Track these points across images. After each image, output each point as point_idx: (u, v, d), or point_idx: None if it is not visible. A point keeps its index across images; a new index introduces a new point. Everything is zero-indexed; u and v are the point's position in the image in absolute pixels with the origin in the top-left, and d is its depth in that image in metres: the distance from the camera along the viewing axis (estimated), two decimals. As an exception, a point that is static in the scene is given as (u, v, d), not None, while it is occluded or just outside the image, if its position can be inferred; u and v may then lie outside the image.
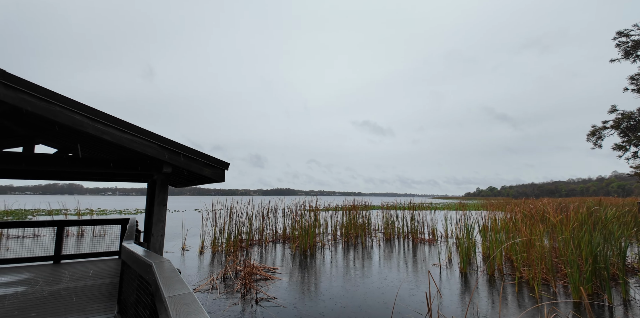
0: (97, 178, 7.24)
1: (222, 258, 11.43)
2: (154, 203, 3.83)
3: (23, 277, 5.75)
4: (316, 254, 12.05)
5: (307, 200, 18.56)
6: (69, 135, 5.29)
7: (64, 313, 4.04)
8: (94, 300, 4.54)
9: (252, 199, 17.17)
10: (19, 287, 5.14)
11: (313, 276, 8.75)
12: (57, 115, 2.86)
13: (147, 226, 6.43)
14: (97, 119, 2.97)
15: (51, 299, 4.55)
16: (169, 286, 1.64)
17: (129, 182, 7.77)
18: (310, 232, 13.77)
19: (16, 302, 4.41)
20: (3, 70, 2.66)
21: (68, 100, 2.83)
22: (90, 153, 6.16)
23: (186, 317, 1.19)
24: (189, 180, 5.38)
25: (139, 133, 3.22)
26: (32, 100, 2.76)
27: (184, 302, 1.39)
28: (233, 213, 14.42)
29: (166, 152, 3.42)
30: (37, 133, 5.60)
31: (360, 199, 22.57)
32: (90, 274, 5.92)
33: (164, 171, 3.59)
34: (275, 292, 7.26)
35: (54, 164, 3.68)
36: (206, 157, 3.73)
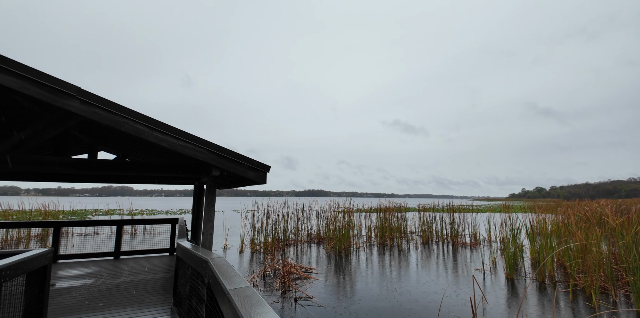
0: (149, 181, 7.88)
1: (260, 257, 11.84)
2: (204, 204, 4.12)
3: (90, 270, 6.43)
4: (351, 256, 12.05)
5: (340, 202, 18.60)
6: (127, 143, 5.86)
7: (127, 304, 4.47)
8: (151, 292, 4.97)
9: (287, 200, 17.57)
10: (87, 279, 5.76)
11: (349, 277, 8.77)
12: (122, 126, 3.22)
13: (196, 225, 6.89)
14: (156, 128, 3.29)
15: (115, 291, 5.05)
16: (229, 280, 1.80)
17: (173, 185, 8.36)
18: (345, 233, 13.79)
19: (86, 293, 4.96)
20: (79, 88, 3.05)
21: (132, 112, 3.18)
22: (145, 158, 6.74)
23: (251, 308, 1.31)
24: (232, 182, 5.69)
25: (191, 140, 3.51)
26: (103, 113, 3.14)
27: (246, 294, 1.52)
28: (269, 214, 14.87)
29: (215, 157, 3.68)
30: (99, 141, 6.26)
31: (395, 201, 22.14)
32: (146, 269, 6.46)
33: (213, 174, 3.86)
34: (313, 291, 7.39)
35: (114, 169, 4.10)
36: (250, 160, 3.95)
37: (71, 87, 2.96)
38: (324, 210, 17.06)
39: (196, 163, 4.12)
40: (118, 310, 4.18)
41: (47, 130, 3.37)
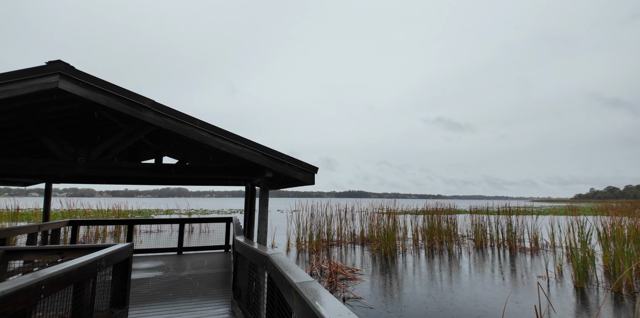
0: (206, 183, 8.53)
1: (306, 256, 12.12)
2: (258, 204, 4.39)
3: (158, 264, 7.15)
4: (397, 258, 11.79)
5: (383, 203, 18.28)
6: (187, 148, 6.43)
7: (192, 295, 4.91)
8: (212, 285, 5.39)
9: (329, 201, 17.74)
10: (157, 271, 6.42)
11: (395, 280, 8.60)
12: (189, 133, 3.58)
13: (249, 224, 7.30)
14: (218, 134, 3.61)
15: (181, 283, 5.56)
16: (293, 274, 1.93)
17: (223, 186, 8.93)
18: (390, 235, 13.53)
19: (157, 284, 5.53)
20: (153, 101, 3.45)
21: (197, 120, 3.53)
22: (202, 162, 7.33)
23: (320, 300, 1.41)
24: (281, 183, 5.95)
25: (247, 144, 3.77)
26: (173, 122, 3.52)
27: (312, 287, 1.63)
28: (313, 214, 15.14)
29: (268, 159, 3.91)
30: (164, 147, 6.94)
31: (443, 202, 21.15)
32: (205, 264, 7.01)
33: (266, 176, 4.10)
34: (360, 292, 7.40)
35: (176, 172, 4.54)
36: (299, 162, 4.12)
37: (146, 100, 3.37)
38: (367, 212, 16.90)
39: (250, 165, 4.41)
40: (185, 300, 4.61)
41: (127, 139, 3.86)
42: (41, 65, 2.93)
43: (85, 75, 3.10)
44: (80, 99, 3.35)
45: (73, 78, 3.04)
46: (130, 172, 4.13)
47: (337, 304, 1.34)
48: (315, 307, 1.32)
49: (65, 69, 3.00)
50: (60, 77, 2.98)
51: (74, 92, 3.06)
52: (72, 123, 4.85)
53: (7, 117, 3.56)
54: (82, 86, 3.09)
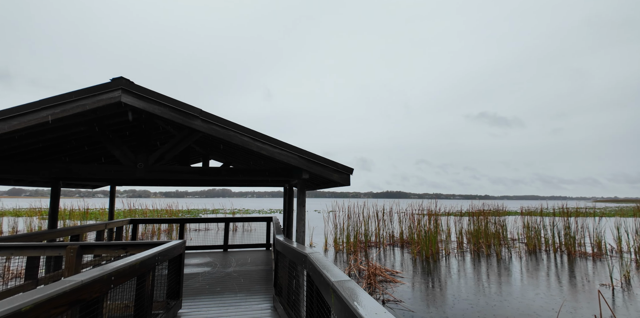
0: (246, 184, 8.96)
1: (343, 256, 12.14)
2: (296, 204, 4.53)
3: (206, 260, 7.66)
4: (440, 262, 11.33)
5: (424, 204, 17.66)
6: (231, 152, 6.83)
7: (238, 290, 5.20)
8: (256, 282, 5.66)
9: (366, 202, 17.57)
10: (205, 267, 6.88)
11: (438, 284, 8.29)
12: (232, 138, 3.83)
13: (288, 223, 7.54)
14: (258, 138, 3.82)
15: (227, 278, 5.92)
16: (331, 273, 2.00)
17: (264, 187, 9.27)
18: (431, 237, 13.04)
19: (206, 279, 5.93)
20: (200, 110, 3.75)
21: (239, 126, 3.77)
22: (244, 164, 7.72)
23: (357, 298, 1.46)
24: (318, 184, 6.07)
25: (285, 147, 3.94)
26: (218, 129, 3.80)
27: (348, 286, 1.69)
28: (350, 215, 15.11)
29: (305, 161, 4.04)
30: (210, 151, 7.43)
31: (490, 203, 19.89)
32: (249, 261, 7.37)
33: (303, 177, 4.24)
34: (400, 295, 7.25)
35: (222, 174, 4.84)
36: (335, 164, 4.19)
37: (195, 110, 3.68)
38: (406, 213, 16.46)
39: (288, 167, 4.58)
40: (232, 295, 4.91)
41: (179, 145, 4.24)
42: (106, 82, 3.35)
43: (143, 89, 3.48)
44: (139, 110, 3.76)
45: (133, 92, 3.43)
46: (182, 175, 4.52)
47: (373, 303, 1.39)
48: (352, 305, 1.38)
49: (126, 84, 3.39)
50: (122, 91, 3.38)
51: (133, 104, 3.45)
52: (132, 132, 5.43)
53: (80, 129, 4.10)
54: (140, 99, 3.47)
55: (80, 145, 5.08)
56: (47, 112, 3.23)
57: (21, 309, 1.45)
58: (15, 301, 1.47)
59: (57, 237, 5.46)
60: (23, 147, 4.33)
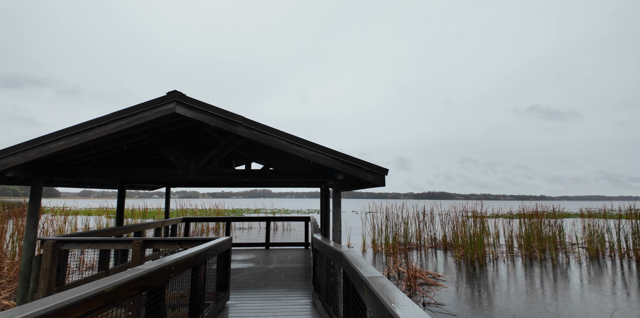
0: (285, 185, 9.32)
1: (382, 258, 12.02)
2: (332, 205, 4.68)
3: (250, 256, 8.12)
4: (487, 266, 10.73)
5: (469, 205, 16.79)
6: (270, 155, 7.19)
7: (279, 285, 5.48)
8: (296, 278, 5.91)
9: (405, 203, 17.16)
10: (249, 263, 7.31)
11: (485, 289, 7.88)
12: (272, 142, 4.09)
13: (325, 223, 7.73)
14: (295, 142, 4.04)
15: (269, 274, 6.25)
16: (364, 269, 2.11)
17: (301, 187, 9.55)
18: (477, 241, 12.38)
19: (250, 274, 6.32)
20: (243, 117, 4.07)
21: (278, 131, 4.02)
22: (283, 166, 8.07)
23: (388, 293, 1.56)
24: (353, 184, 6.16)
25: (320, 150, 4.11)
26: (259, 134, 4.09)
27: (381, 282, 1.78)
28: (388, 216, 14.87)
29: (339, 163, 4.17)
30: (252, 154, 7.88)
31: (546, 204, 18.30)
32: (289, 259, 7.67)
33: (338, 178, 4.37)
34: (442, 298, 7.05)
35: (262, 176, 5.14)
36: (369, 165, 4.27)
37: (238, 117, 4.00)
38: (449, 214, 15.78)
39: (323, 169, 4.74)
40: (274, 290, 5.19)
41: (225, 149, 4.62)
42: (163, 95, 3.80)
43: (193, 101, 3.87)
44: (190, 119, 4.18)
45: (185, 103, 3.84)
46: (228, 177, 4.90)
47: (402, 297, 1.48)
48: (381, 298, 1.48)
49: (179, 96, 3.81)
50: (176, 103, 3.81)
51: (186, 114, 3.86)
52: (184, 138, 6.01)
53: (141, 137, 4.66)
54: (191, 109, 3.87)
55: (141, 151, 5.74)
56: (116, 123, 3.75)
57: (104, 290, 1.77)
58: (100, 284, 1.80)
59: (124, 233, 6.20)
60: (96, 154, 5.02)
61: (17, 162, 3.83)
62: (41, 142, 3.77)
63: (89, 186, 6.14)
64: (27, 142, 3.83)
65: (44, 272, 4.21)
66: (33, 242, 4.37)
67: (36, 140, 3.82)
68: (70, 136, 3.74)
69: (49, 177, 4.43)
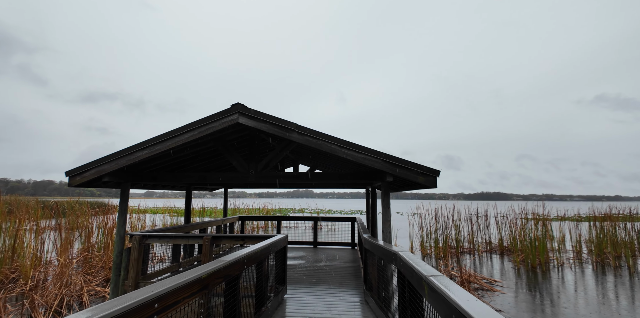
0: (330, 186, 9.56)
1: (432, 261, 11.68)
2: (381, 206, 4.79)
3: (300, 254, 8.49)
4: (550, 273, 9.91)
5: (528, 206, 15.54)
6: (317, 157, 7.48)
7: (331, 283, 5.72)
8: (345, 277, 6.10)
9: (456, 204, 16.40)
10: (300, 260, 7.67)
11: (548, 297, 7.33)
12: (322, 147, 4.34)
13: (372, 224, 7.82)
14: (344, 145, 4.24)
15: (320, 272, 6.52)
16: (422, 268, 2.22)
17: (344, 188, 9.69)
18: (540, 245, 11.46)
19: (302, 270, 6.65)
20: (296, 124, 4.37)
21: (327, 135, 4.26)
22: (330, 168, 8.33)
23: (450, 290, 1.67)
24: (401, 186, 6.17)
25: (368, 152, 4.26)
26: (310, 139, 4.36)
27: (442, 280, 1.90)
28: (437, 218, 14.37)
29: (388, 165, 4.28)
30: (299, 157, 8.26)
31: (621, 205, 16.26)
32: (337, 258, 7.90)
33: (387, 180, 4.47)
34: (499, 304, 6.72)
35: (312, 178, 5.41)
36: (419, 166, 4.30)
37: (292, 124, 4.32)
38: (506, 216, 14.76)
39: (372, 171, 4.87)
40: (326, 287, 5.44)
41: (279, 154, 4.99)
42: (227, 108, 4.26)
43: (253, 111, 4.28)
44: (250, 128, 4.61)
45: (246, 114, 4.26)
46: (282, 179, 5.27)
47: (465, 292, 1.59)
48: (446, 294, 1.60)
49: (241, 108, 4.23)
50: (239, 114, 4.24)
51: (247, 124, 4.28)
52: (244, 144, 6.55)
53: (208, 145, 5.22)
54: (251, 119, 4.28)
55: (206, 157, 6.40)
56: (189, 134, 4.29)
57: (201, 276, 2.13)
58: (197, 271, 2.17)
59: (191, 230, 6.93)
60: (170, 160, 5.72)
61: (111, 169, 4.57)
62: (130, 151, 4.46)
63: (162, 188, 6.98)
64: (118, 151, 4.55)
65: (132, 262, 4.93)
66: (123, 236, 5.13)
67: (125, 150, 4.52)
68: (152, 146, 4.37)
69: (134, 180, 5.18)
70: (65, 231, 9.61)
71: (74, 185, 4.63)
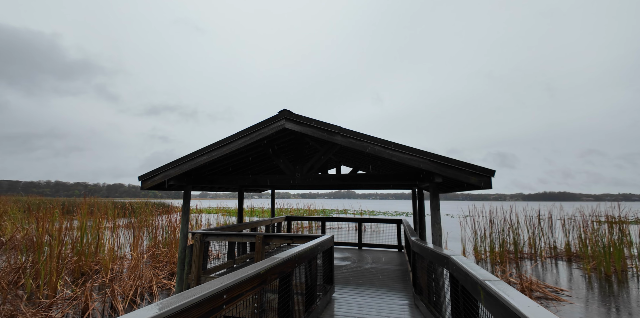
0: (374, 187, 9.47)
1: (487, 267, 10.95)
2: (430, 208, 4.67)
3: (345, 255, 8.55)
4: (628, 283, 8.73)
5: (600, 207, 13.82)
6: (359, 158, 7.50)
7: (378, 285, 5.69)
8: (393, 280, 6.02)
9: (514, 205, 15.16)
10: (346, 261, 7.73)
11: (626, 310, 6.48)
12: (366, 148, 4.38)
13: (420, 226, 7.61)
14: (388, 146, 4.23)
15: (366, 274, 6.51)
16: (478, 272, 2.17)
17: (388, 189, 9.50)
18: (615, 251, 10.15)
19: (348, 271, 6.70)
20: (340, 127, 4.47)
21: (371, 137, 4.29)
22: (373, 169, 8.29)
23: (509, 295, 1.63)
24: (451, 187, 5.93)
25: (414, 152, 4.19)
26: (354, 141, 4.43)
27: (499, 284, 1.84)
28: (494, 220, 13.43)
29: (437, 165, 4.16)
30: (341, 159, 8.34)
31: None
32: (383, 260, 7.81)
33: (436, 181, 4.35)
34: (567, 315, 6.11)
35: (356, 180, 5.44)
36: (471, 166, 4.12)
37: (335, 127, 4.43)
38: (574, 219, 13.30)
39: (418, 171, 4.77)
40: (373, 289, 5.43)
41: (322, 157, 5.13)
42: (275, 114, 4.51)
43: (298, 116, 4.48)
44: (295, 132, 4.82)
45: (292, 119, 4.47)
46: (327, 181, 5.41)
47: (524, 297, 1.54)
48: (504, 299, 1.57)
49: (288, 114, 4.46)
50: (285, 120, 4.47)
51: (293, 129, 4.49)
52: (289, 148, 6.84)
53: (257, 150, 5.55)
54: (297, 124, 4.48)
55: (255, 161, 6.80)
56: (242, 140, 4.63)
57: (260, 272, 2.32)
58: (256, 267, 2.36)
59: (243, 229, 7.38)
60: (224, 164, 6.19)
61: (176, 173, 5.09)
62: (191, 157, 4.93)
63: (218, 190, 7.56)
64: (181, 158, 5.06)
65: (194, 258, 5.41)
66: (186, 234, 5.66)
67: (187, 156, 5.00)
68: (210, 152, 4.78)
69: (195, 183, 5.69)
70: (136, 229, 10.81)
71: (145, 189, 5.24)
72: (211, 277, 5.40)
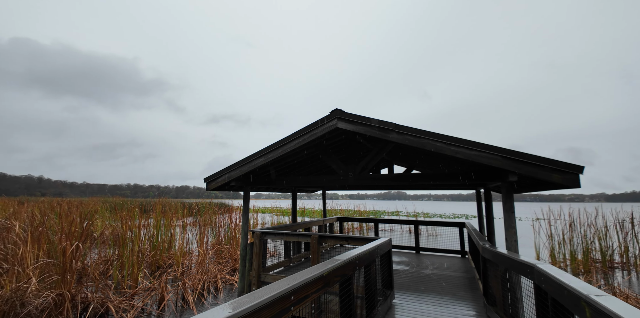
0: (431, 187, 8.92)
1: (569, 277, 9.58)
2: (503, 210, 4.19)
3: (402, 259, 8.16)
4: None
5: None
6: (414, 157, 7.12)
7: (441, 293, 5.28)
8: (458, 288, 5.54)
9: (599, 207, 13.10)
10: (404, 266, 7.37)
11: None
12: (425, 145, 4.09)
13: (488, 231, 6.95)
14: (452, 143, 3.90)
15: (427, 280, 6.10)
16: (578, 285, 1.83)
17: (447, 190, 8.83)
18: None
19: (407, 276, 6.35)
20: (395, 123, 4.26)
21: (431, 133, 4.00)
22: (429, 168, 7.81)
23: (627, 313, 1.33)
24: (525, 186, 5.29)
25: (483, 148, 3.79)
26: (411, 138, 4.17)
27: (614, 304, 1.51)
28: (572, 224, 11.75)
29: (510, 162, 3.71)
30: (393, 158, 8.01)
31: None
32: (445, 266, 7.27)
33: (510, 180, 3.88)
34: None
35: (408, 179, 5.12)
36: (554, 162, 3.60)
37: (390, 124, 4.23)
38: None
39: (488, 169, 4.32)
40: (436, 297, 5.05)
41: (375, 157, 4.95)
42: (327, 114, 4.47)
43: (351, 115, 4.37)
44: (347, 131, 4.72)
45: (344, 119, 4.39)
46: (380, 181, 5.21)
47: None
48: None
49: (339, 113, 4.39)
50: (338, 119, 4.40)
51: (345, 128, 4.40)
52: (341, 148, 6.79)
53: (309, 150, 5.58)
54: (349, 123, 4.38)
55: (307, 161, 6.88)
56: (295, 141, 4.69)
57: (323, 274, 2.26)
58: (320, 268, 2.31)
59: (297, 229, 7.49)
60: (279, 166, 6.36)
61: (237, 175, 5.34)
62: (249, 160, 5.14)
63: (273, 190, 7.82)
64: (240, 160, 5.30)
65: (255, 256, 5.62)
66: (246, 232, 5.92)
67: (246, 159, 5.23)
68: (266, 154, 4.93)
69: (253, 184, 5.94)
70: (201, 227, 11.70)
71: (210, 190, 5.60)
72: (270, 275, 5.55)
